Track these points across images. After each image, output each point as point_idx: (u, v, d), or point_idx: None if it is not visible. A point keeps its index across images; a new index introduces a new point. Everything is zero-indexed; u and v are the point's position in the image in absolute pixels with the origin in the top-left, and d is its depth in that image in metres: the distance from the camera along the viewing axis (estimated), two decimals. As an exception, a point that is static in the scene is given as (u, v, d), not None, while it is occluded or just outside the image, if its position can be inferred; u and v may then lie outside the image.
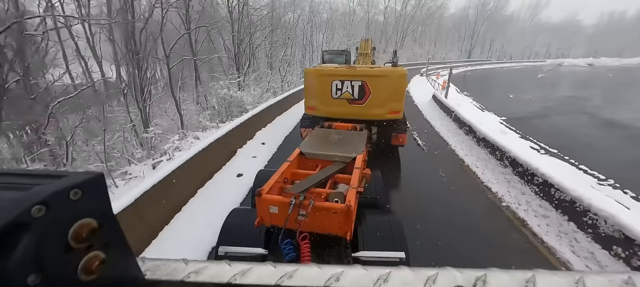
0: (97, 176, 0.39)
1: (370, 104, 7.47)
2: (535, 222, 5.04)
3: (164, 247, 4.79)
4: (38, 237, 0.32)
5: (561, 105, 17.90)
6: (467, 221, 5.13)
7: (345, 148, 4.96)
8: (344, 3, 47.81)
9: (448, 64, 45.28)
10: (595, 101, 19.29)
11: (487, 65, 54.87)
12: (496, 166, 7.34)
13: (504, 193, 6.09)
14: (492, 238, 4.74)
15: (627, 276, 0.43)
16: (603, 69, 46.81)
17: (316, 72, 7.84)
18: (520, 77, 36.73)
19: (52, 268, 0.34)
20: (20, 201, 0.31)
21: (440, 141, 10.03)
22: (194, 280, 0.48)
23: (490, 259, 4.27)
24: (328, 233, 3.20)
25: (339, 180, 4.11)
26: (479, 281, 0.44)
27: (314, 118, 8.03)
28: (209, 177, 7.02)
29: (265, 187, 3.35)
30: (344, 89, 7.44)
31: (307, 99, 8.17)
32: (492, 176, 6.95)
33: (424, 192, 6.38)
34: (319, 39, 36.92)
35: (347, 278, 0.46)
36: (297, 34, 29.43)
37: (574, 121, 13.83)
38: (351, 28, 44.75)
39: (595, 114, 15.27)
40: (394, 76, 7.45)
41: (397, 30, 51.65)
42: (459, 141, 9.70)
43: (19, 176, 0.38)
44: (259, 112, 10.70)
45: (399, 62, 8.76)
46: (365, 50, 12.01)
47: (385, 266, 0.48)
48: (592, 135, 11.45)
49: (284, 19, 26.98)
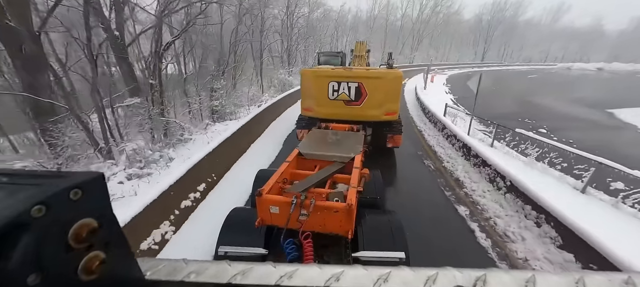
0: (97, 175, 0.39)
1: (367, 105, 7.47)
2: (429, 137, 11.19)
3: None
4: (38, 237, 0.32)
5: (504, 91, 25.61)
6: (407, 145, 9.60)
7: (344, 148, 4.98)
8: (367, 10, 54.16)
9: (455, 65, 51.85)
10: (539, 91, 26.05)
11: (496, 67, 57.67)
12: (426, 121, 13.30)
13: (424, 130, 12.05)
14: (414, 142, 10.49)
15: (627, 276, 0.43)
16: (606, 74, 48.44)
17: (313, 73, 7.78)
18: (512, 77, 40.25)
19: (52, 268, 0.34)
20: (20, 201, 0.31)
21: (405, 113, 15.09)
22: (194, 280, 0.48)
23: (408, 148, 9.41)
24: (329, 232, 3.20)
25: (337, 180, 4.12)
26: (479, 281, 0.44)
27: (310, 119, 8.00)
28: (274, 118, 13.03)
29: (265, 187, 3.35)
30: (340, 91, 7.45)
31: (303, 100, 8.13)
32: (425, 126, 12.60)
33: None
34: (344, 41, 43.28)
35: (347, 278, 0.46)
36: (326, 38, 36.63)
37: (496, 98, 21.17)
38: (371, 33, 49.82)
39: (520, 96, 22.76)
40: (390, 78, 7.45)
41: (413, 34, 55.79)
42: (417, 114, 15.13)
43: (19, 176, 0.38)
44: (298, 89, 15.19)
45: (394, 63, 8.75)
46: (360, 53, 12.03)
47: (385, 266, 0.48)
48: (498, 104, 18.61)
49: (317, 27, 33.55)
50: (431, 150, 9.52)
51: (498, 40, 65.69)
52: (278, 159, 8.43)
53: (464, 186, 6.89)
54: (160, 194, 4.93)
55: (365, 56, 12.25)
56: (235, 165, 8.07)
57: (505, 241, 4.99)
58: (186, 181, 5.73)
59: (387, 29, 53.60)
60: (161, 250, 4.74)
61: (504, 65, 61.87)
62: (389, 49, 51.36)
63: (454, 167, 7.92)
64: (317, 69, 8.09)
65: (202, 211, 5.89)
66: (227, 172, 7.56)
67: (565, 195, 5.61)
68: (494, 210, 5.81)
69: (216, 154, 7.08)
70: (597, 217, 4.82)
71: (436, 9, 56.10)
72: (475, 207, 5.98)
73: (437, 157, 8.84)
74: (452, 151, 9.05)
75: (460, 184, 6.98)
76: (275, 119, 12.94)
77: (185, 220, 5.51)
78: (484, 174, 7.05)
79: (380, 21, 53.73)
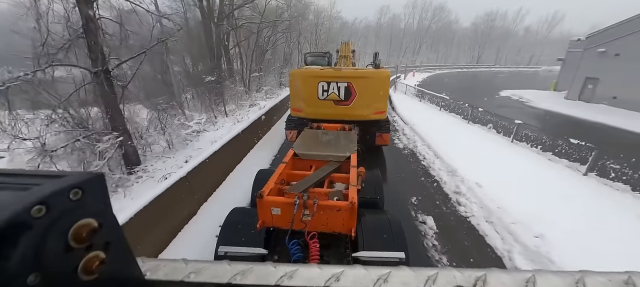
0: (98, 175, 0.39)
1: (356, 104, 7.44)
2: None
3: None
4: (38, 237, 0.32)
5: (460, 82, 34.60)
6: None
7: (338, 148, 4.98)
8: (374, 20, 67.68)
9: (445, 66, 62.67)
10: (483, 83, 34.75)
11: (485, 68, 64.50)
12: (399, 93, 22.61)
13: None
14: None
15: (627, 276, 0.42)
16: (546, 73, 53.83)
17: (302, 73, 7.70)
18: (486, 75, 47.82)
19: (52, 268, 0.34)
20: (20, 201, 0.31)
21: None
22: (194, 280, 0.48)
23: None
24: (331, 231, 3.20)
25: (334, 179, 4.13)
26: (479, 281, 0.44)
27: (299, 119, 7.94)
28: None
29: (265, 189, 3.34)
30: (330, 91, 7.40)
31: (293, 101, 8.04)
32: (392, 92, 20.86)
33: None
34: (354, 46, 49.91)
35: (347, 278, 0.46)
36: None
37: (449, 84, 31.43)
38: (378, 40, 63.06)
39: (472, 86, 32.06)
40: (378, 77, 7.44)
41: (414, 40, 67.61)
42: (392, 93, 21.41)
43: (19, 176, 0.38)
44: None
45: (381, 63, 8.75)
46: (346, 53, 12.03)
47: (385, 266, 0.48)
48: (450, 85, 30.31)
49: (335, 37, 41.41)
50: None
51: (492, 45, 72.73)
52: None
53: (396, 108, 16.37)
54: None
55: (350, 56, 12.28)
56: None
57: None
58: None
59: (392, 36, 64.16)
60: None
61: (493, 67, 67.29)
62: (393, 53, 61.58)
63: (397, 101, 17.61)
64: (306, 69, 7.99)
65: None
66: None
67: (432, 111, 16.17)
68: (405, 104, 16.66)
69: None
70: (425, 110, 16.29)
71: (434, 19, 68.51)
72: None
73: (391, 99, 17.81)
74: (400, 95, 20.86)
75: (394, 107, 16.78)
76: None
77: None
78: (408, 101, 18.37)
79: (386, 30, 65.51)
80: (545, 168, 8.12)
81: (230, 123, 11.64)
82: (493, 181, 6.89)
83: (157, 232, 4.71)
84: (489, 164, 8.05)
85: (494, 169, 7.74)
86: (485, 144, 10.09)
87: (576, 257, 4.60)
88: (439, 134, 10.72)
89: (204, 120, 10.93)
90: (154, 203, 4.52)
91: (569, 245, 4.89)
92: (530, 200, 6.18)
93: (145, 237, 4.46)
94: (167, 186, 4.91)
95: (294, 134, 7.87)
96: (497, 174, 7.34)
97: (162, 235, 4.85)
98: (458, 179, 7.21)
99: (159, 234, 4.76)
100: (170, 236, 5.03)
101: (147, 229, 4.47)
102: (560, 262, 4.54)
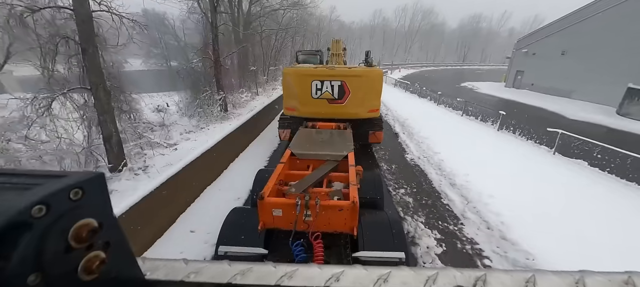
0: (98, 175, 0.39)
1: (350, 103, 7.41)
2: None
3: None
4: (38, 237, 0.32)
5: (437, 77, 40.08)
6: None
7: (335, 147, 4.97)
8: (369, 22, 76.25)
9: (429, 64, 69.25)
10: (457, 77, 40.00)
11: (466, 66, 70.36)
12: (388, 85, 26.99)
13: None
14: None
15: (627, 276, 0.42)
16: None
17: (296, 72, 7.63)
18: (466, 72, 52.15)
19: (52, 268, 0.33)
20: (20, 201, 0.31)
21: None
22: (194, 280, 0.48)
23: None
24: (334, 231, 3.20)
25: (332, 178, 4.12)
26: (479, 281, 0.44)
27: (293, 118, 7.89)
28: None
29: (265, 190, 3.34)
30: (323, 89, 7.36)
31: (286, 100, 7.98)
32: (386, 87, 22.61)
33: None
34: (350, 46, 58.08)
35: (347, 278, 0.46)
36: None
37: (431, 78, 38.51)
38: (372, 39, 69.80)
39: (443, 78, 38.19)
40: (372, 76, 7.41)
41: (405, 41, 74.92)
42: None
43: (19, 175, 0.38)
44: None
45: (373, 62, 8.74)
46: (338, 51, 12.01)
47: (385, 266, 0.48)
48: (427, 78, 38.05)
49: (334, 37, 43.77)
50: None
51: (478, 46, 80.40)
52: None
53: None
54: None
55: (342, 54, 12.26)
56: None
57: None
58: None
59: (385, 37, 71.98)
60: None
61: (475, 66, 73.25)
62: (386, 53, 65.70)
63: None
64: (299, 67, 7.94)
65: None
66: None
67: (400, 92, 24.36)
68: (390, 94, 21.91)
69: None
70: (408, 99, 20.64)
71: (423, 22, 76.66)
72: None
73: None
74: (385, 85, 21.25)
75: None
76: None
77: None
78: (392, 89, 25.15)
79: (379, 31, 73.07)
80: (463, 124, 13.31)
81: (264, 97, 17.74)
82: (425, 126, 12.29)
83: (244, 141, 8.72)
84: (426, 118, 13.89)
85: (429, 122, 13.12)
86: (425, 107, 17.05)
87: (463, 165, 8.03)
88: (399, 104, 18.00)
89: (250, 95, 17.26)
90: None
91: (456, 158, 8.60)
92: (445, 136, 10.87)
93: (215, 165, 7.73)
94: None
95: (288, 132, 7.83)
96: (429, 124, 12.63)
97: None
98: (405, 128, 12.80)
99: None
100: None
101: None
102: (450, 169, 7.85)
